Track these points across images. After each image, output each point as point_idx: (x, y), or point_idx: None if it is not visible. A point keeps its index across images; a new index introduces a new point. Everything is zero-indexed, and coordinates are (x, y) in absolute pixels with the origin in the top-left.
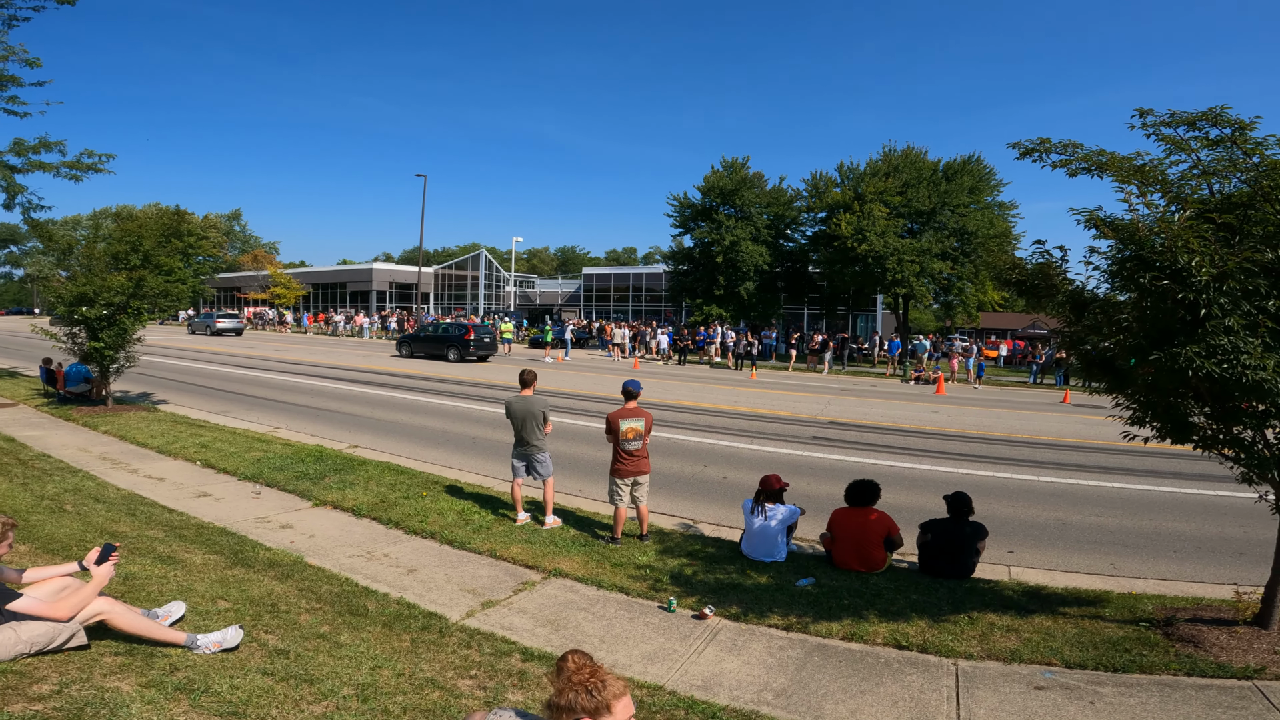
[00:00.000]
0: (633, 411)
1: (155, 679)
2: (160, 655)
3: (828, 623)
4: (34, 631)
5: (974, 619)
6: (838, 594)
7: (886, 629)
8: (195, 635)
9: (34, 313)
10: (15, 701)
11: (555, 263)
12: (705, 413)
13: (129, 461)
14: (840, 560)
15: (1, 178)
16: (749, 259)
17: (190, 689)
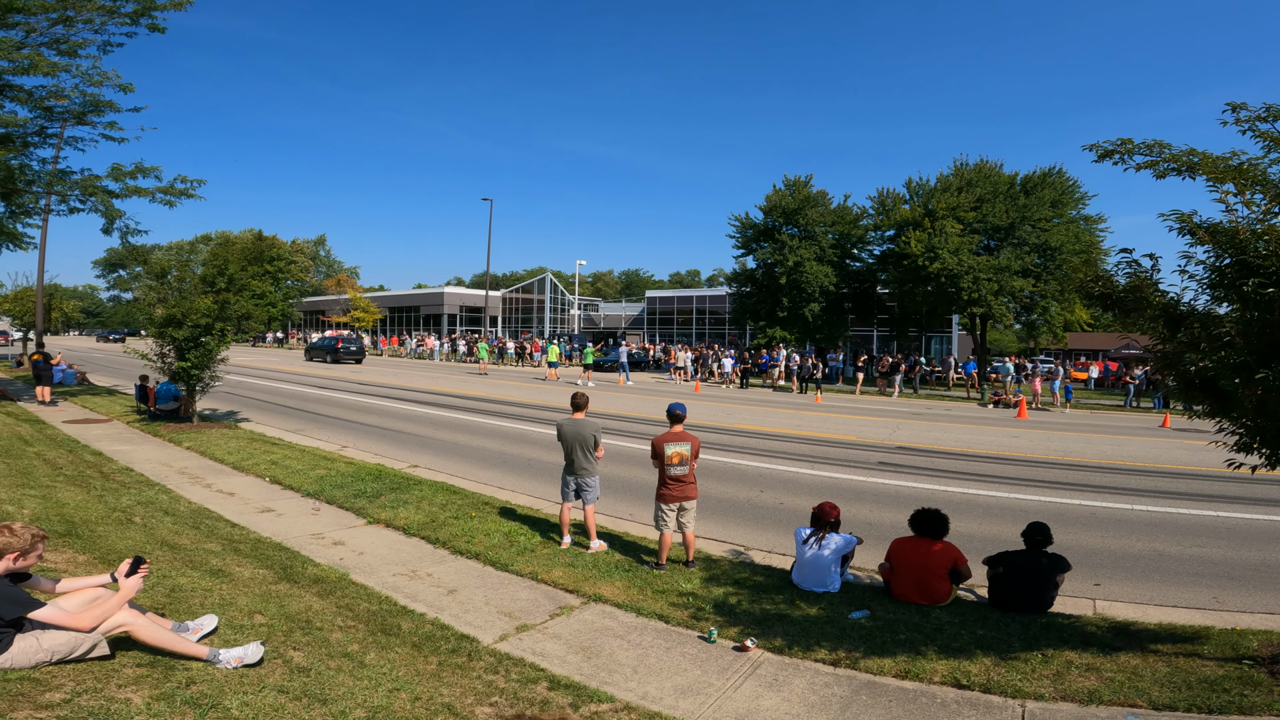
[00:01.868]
0: (678, 435)
1: (168, 692)
2: (181, 668)
3: (880, 658)
4: (55, 640)
5: (1048, 656)
6: (893, 628)
7: (946, 666)
8: (217, 650)
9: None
10: (23, 708)
11: (619, 285)
12: (765, 436)
13: (204, 476)
14: (899, 592)
15: (100, 203)
16: (813, 280)
17: (199, 704)
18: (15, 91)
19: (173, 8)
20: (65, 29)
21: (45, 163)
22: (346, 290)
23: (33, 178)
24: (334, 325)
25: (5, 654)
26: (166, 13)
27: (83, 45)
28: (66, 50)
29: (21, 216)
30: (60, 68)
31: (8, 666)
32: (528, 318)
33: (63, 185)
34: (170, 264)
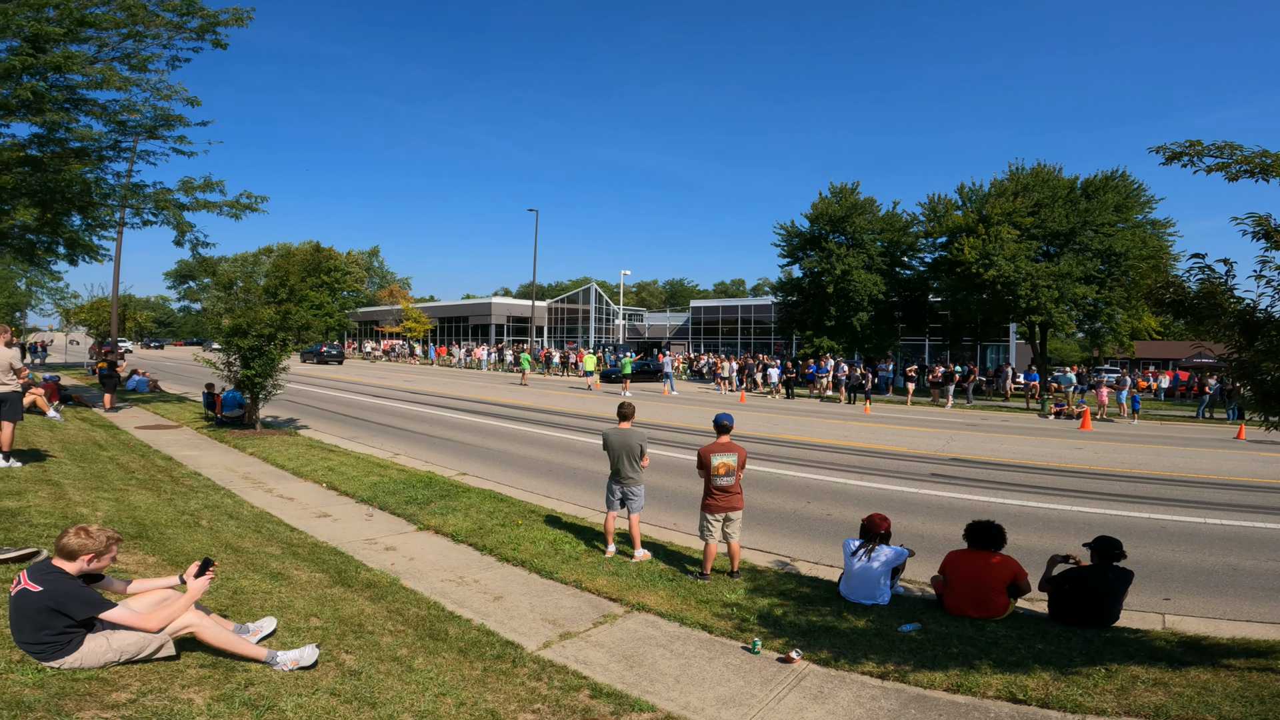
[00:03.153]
0: (725, 446)
1: (228, 693)
2: (240, 669)
3: (930, 672)
4: (124, 641)
5: (1112, 671)
6: (946, 641)
7: (1001, 680)
8: (275, 652)
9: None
10: (90, 708)
11: (663, 295)
12: (812, 447)
13: (266, 481)
14: (953, 605)
15: (172, 216)
16: (862, 288)
17: (257, 705)
18: (90, 105)
19: (234, 23)
20: (135, 44)
21: (120, 176)
22: (399, 301)
23: (108, 191)
24: (387, 335)
25: (76, 654)
26: (229, 28)
27: (152, 60)
28: (137, 65)
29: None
30: (131, 82)
31: (77, 666)
32: (573, 328)
33: (136, 199)
34: (236, 275)
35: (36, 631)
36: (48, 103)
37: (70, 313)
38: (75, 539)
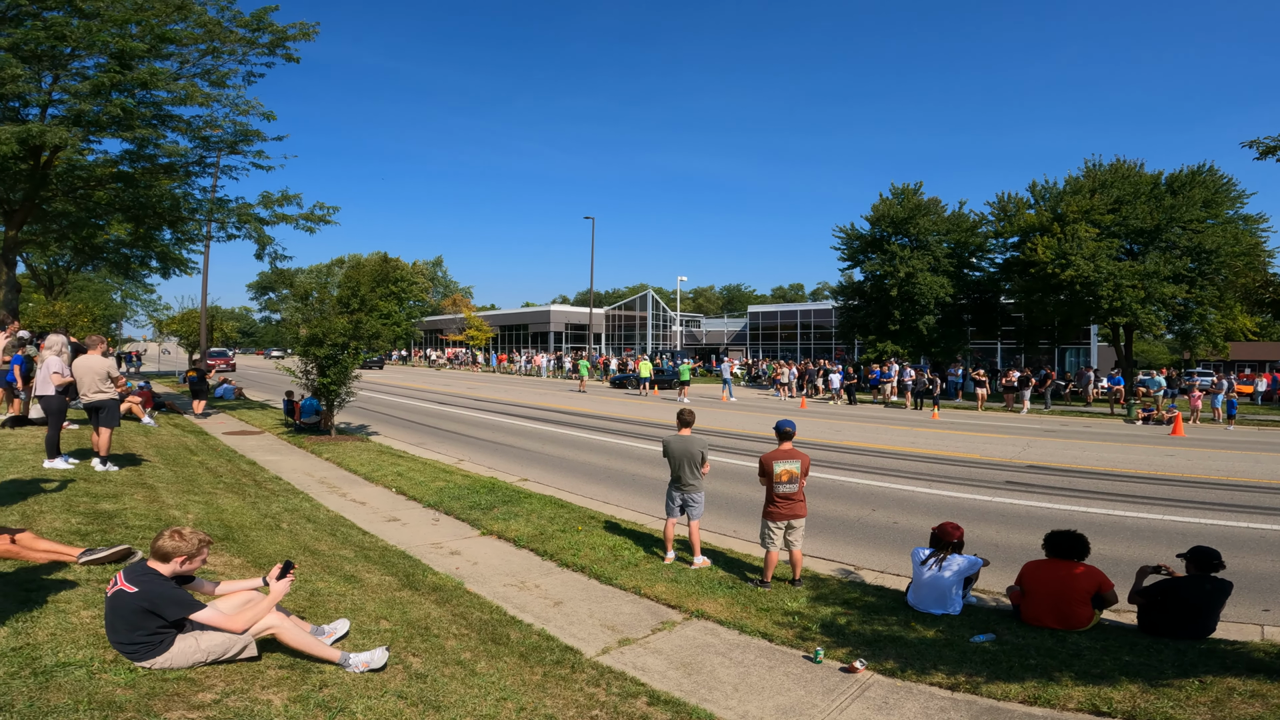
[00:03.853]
0: (787, 453)
1: (304, 694)
2: (315, 671)
3: (1005, 683)
4: (212, 641)
5: (1206, 683)
6: (1023, 652)
7: (1083, 693)
8: (348, 654)
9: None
10: (178, 708)
11: (720, 301)
12: (876, 454)
13: (340, 486)
14: (1031, 616)
15: (253, 229)
16: (927, 291)
17: (329, 707)
18: (175, 121)
19: (302, 38)
20: (214, 60)
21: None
22: (462, 310)
23: (195, 206)
24: (451, 344)
25: (166, 654)
26: (297, 43)
27: (229, 75)
28: (216, 81)
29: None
30: (212, 98)
31: (167, 666)
32: (630, 334)
33: (221, 213)
34: (311, 286)
35: (131, 632)
36: (136, 119)
37: (162, 324)
38: (169, 541)
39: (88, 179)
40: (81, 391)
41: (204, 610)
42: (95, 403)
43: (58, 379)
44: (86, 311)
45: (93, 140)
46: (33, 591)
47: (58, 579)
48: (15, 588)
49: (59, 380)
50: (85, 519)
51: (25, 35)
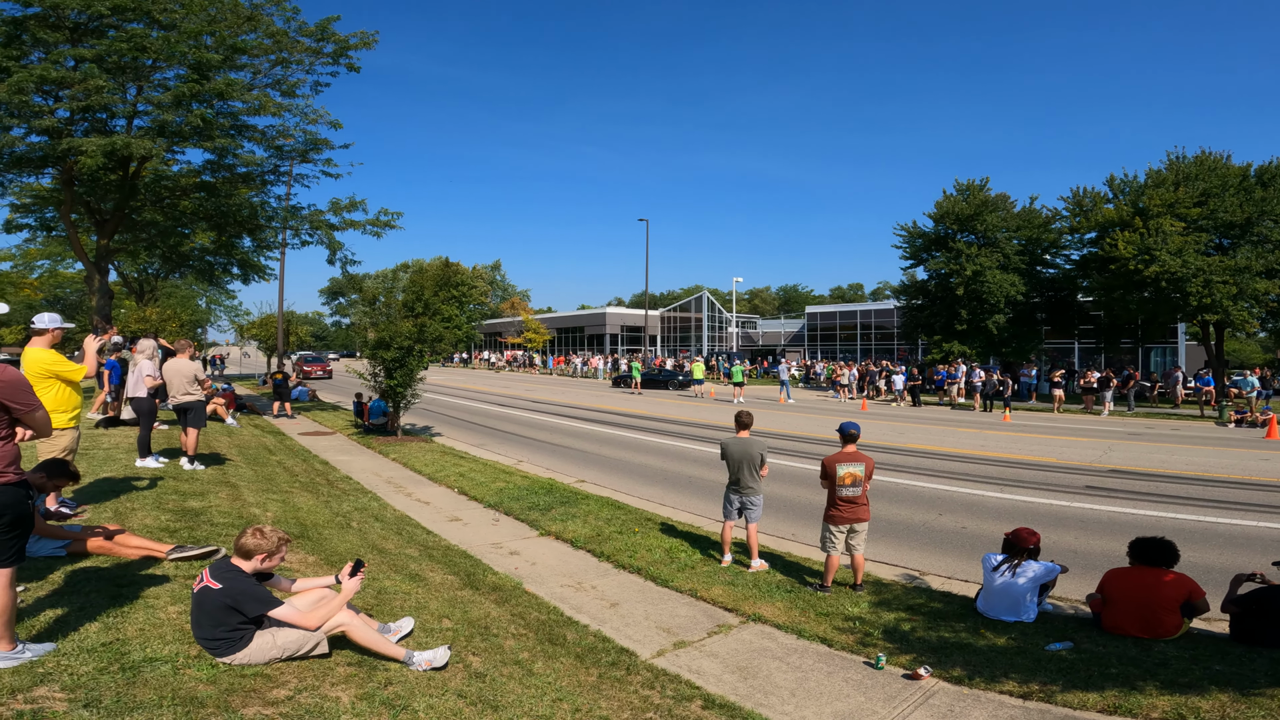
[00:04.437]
0: (851, 456)
1: (369, 692)
2: (381, 668)
3: (1083, 692)
4: (287, 638)
5: None
6: (1103, 661)
7: (1169, 702)
8: (412, 652)
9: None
10: (254, 704)
11: (777, 302)
12: (942, 457)
13: (406, 486)
14: (1113, 624)
15: (325, 235)
16: (997, 289)
17: (393, 704)
18: (251, 132)
19: (363, 46)
20: (283, 70)
21: (280, 199)
22: (519, 312)
23: (271, 214)
24: (509, 346)
25: (245, 650)
26: (359, 51)
27: (298, 85)
28: (286, 91)
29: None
30: (283, 107)
31: (245, 662)
32: (685, 336)
33: (295, 220)
34: (378, 291)
35: (214, 627)
36: (216, 129)
37: (243, 328)
38: (252, 540)
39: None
40: (170, 394)
41: (281, 608)
42: (183, 404)
43: (149, 381)
44: (175, 317)
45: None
46: (124, 587)
47: (147, 575)
48: (108, 583)
49: (151, 383)
50: (174, 516)
51: (109, 46)
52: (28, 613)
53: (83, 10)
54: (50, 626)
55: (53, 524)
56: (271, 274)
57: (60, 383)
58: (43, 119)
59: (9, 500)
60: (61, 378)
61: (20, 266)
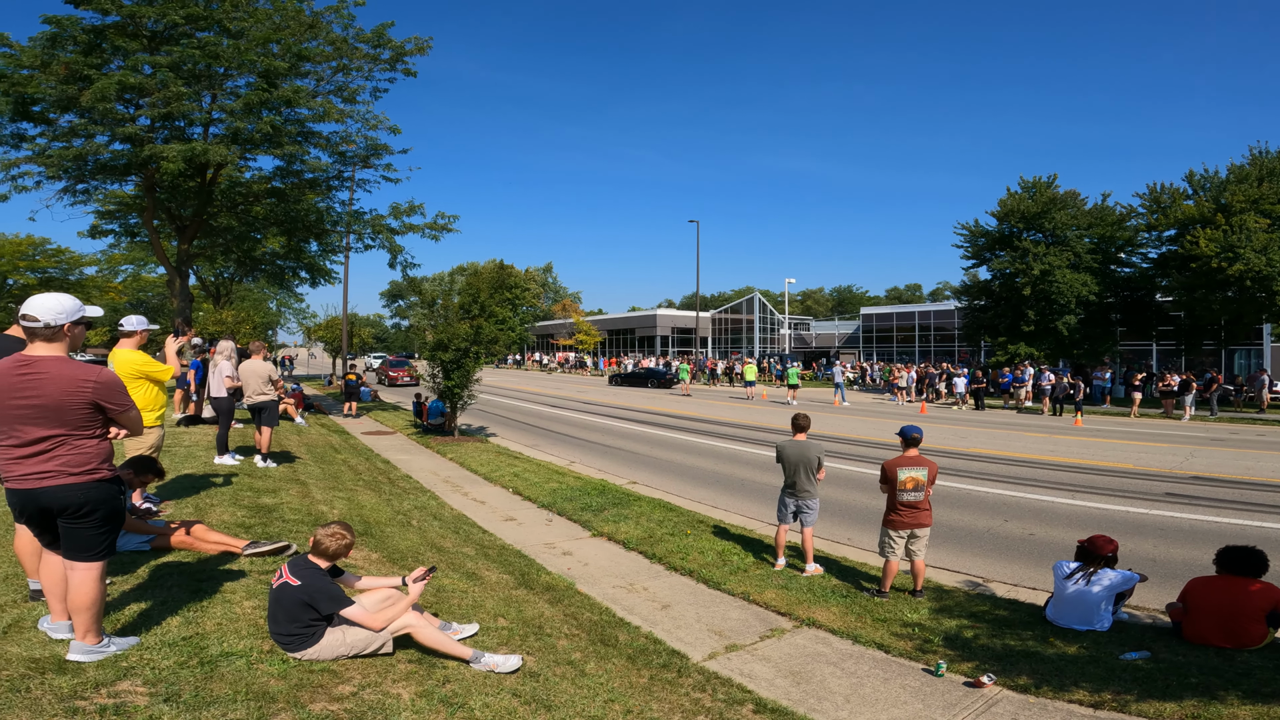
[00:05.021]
0: (913, 460)
1: (428, 689)
2: (440, 667)
3: (1160, 701)
4: (356, 637)
5: None
6: (1182, 670)
7: (1251, 712)
8: (480, 653)
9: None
10: (320, 700)
11: (830, 303)
12: (1008, 462)
13: (462, 485)
14: (1194, 634)
15: (385, 239)
16: (1067, 289)
17: (451, 702)
18: (316, 138)
19: (417, 52)
20: (344, 77)
21: (344, 204)
22: (571, 314)
23: (336, 219)
24: (561, 348)
25: (315, 647)
26: (414, 57)
27: (358, 91)
28: (347, 97)
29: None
30: (345, 114)
31: (314, 658)
32: (737, 338)
33: (358, 224)
34: (436, 294)
35: (289, 623)
36: (284, 136)
37: (310, 330)
38: (328, 538)
39: (246, 195)
40: (246, 394)
41: (352, 607)
42: (258, 404)
43: (229, 382)
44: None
45: (249, 158)
46: (203, 581)
47: (224, 570)
48: (188, 578)
49: (230, 383)
50: (249, 512)
51: (184, 54)
52: (114, 606)
53: (159, 19)
54: (135, 620)
55: (139, 519)
56: (336, 278)
57: (149, 382)
58: (125, 126)
59: (103, 496)
60: (151, 378)
61: (105, 271)
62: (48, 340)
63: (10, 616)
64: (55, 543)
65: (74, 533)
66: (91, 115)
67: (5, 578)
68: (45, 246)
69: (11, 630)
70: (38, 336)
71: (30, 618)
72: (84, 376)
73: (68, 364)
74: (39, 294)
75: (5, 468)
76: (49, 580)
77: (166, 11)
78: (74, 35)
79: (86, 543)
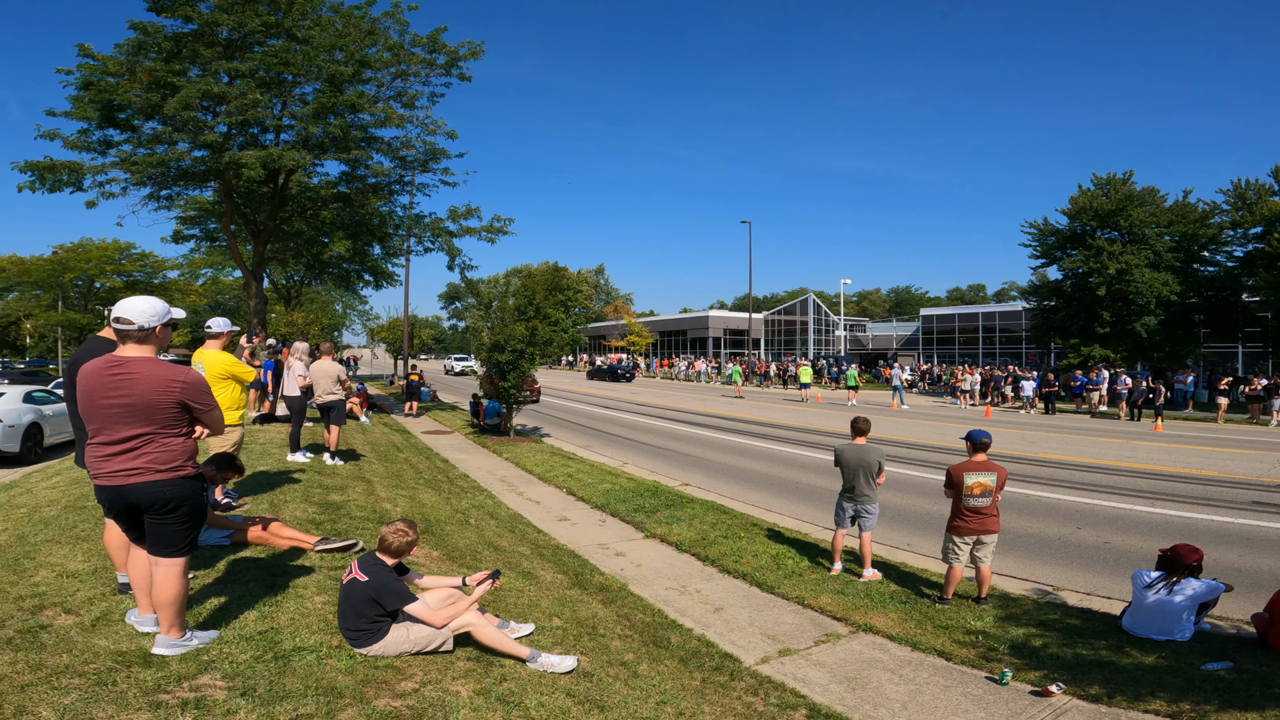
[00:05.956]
0: (981, 465)
1: (486, 687)
2: (497, 665)
3: (1241, 712)
4: (419, 634)
5: None
6: (1266, 681)
7: None
8: (537, 653)
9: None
10: (384, 696)
11: (887, 304)
12: (1082, 468)
13: (518, 485)
14: None
15: (444, 242)
16: (1146, 289)
17: (507, 700)
18: (379, 143)
19: (471, 56)
20: (403, 83)
21: (404, 208)
22: (622, 316)
23: (398, 222)
24: (613, 350)
25: (380, 643)
26: (468, 62)
27: (417, 97)
28: (406, 103)
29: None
30: (405, 119)
31: (379, 654)
32: (790, 339)
33: (419, 228)
34: (492, 295)
35: (357, 619)
36: (350, 140)
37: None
38: (393, 535)
39: (314, 200)
40: (316, 393)
41: (415, 604)
42: (327, 403)
43: (302, 381)
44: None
45: (316, 164)
46: (277, 576)
47: (297, 565)
48: (264, 572)
49: (303, 382)
50: (319, 509)
51: (260, 60)
52: (195, 600)
53: (235, 27)
54: (214, 613)
55: (219, 514)
56: (398, 280)
57: (234, 382)
58: (205, 134)
59: (188, 492)
60: (236, 378)
61: (186, 275)
62: (139, 342)
63: (99, 609)
64: (142, 538)
65: (159, 528)
66: (175, 122)
67: (95, 571)
68: (130, 251)
69: (100, 623)
70: (129, 338)
71: (118, 610)
72: (173, 377)
73: (157, 364)
74: (130, 297)
75: (95, 465)
76: (136, 574)
77: (244, 20)
78: (158, 42)
79: (171, 538)
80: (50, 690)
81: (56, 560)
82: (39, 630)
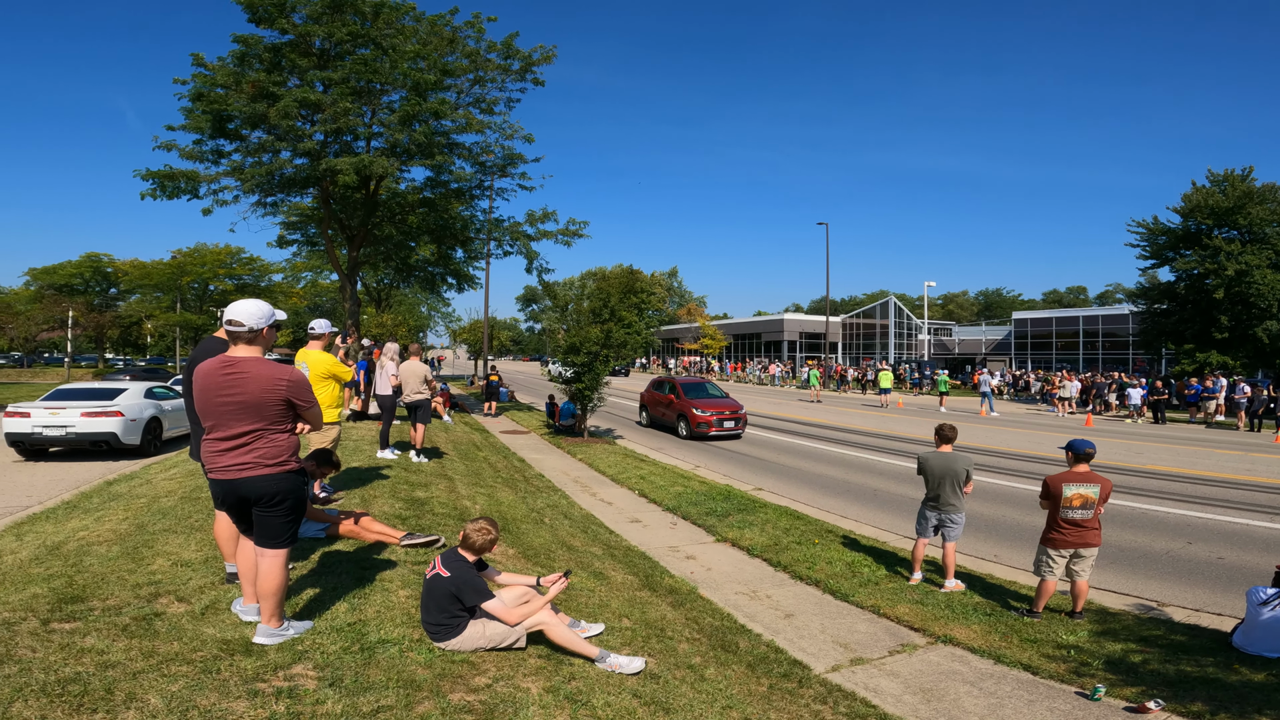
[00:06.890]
0: (1082, 476)
1: (555, 685)
2: (566, 663)
3: None
4: (494, 630)
5: None
6: None
7: None
8: (606, 653)
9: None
10: (459, 690)
11: (976, 307)
12: (1194, 480)
13: (591, 485)
14: None
15: (522, 245)
16: (1269, 291)
17: (575, 699)
18: (460, 149)
19: (543, 61)
20: (480, 89)
21: (484, 213)
22: (696, 319)
23: (479, 227)
24: (686, 353)
25: (458, 638)
26: (540, 66)
27: (495, 103)
28: (485, 109)
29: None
30: (484, 124)
31: (456, 648)
32: (869, 343)
33: (498, 232)
34: (568, 298)
35: (438, 613)
36: (434, 146)
37: (455, 333)
38: (477, 532)
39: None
40: (404, 392)
41: (491, 601)
42: (414, 402)
43: (394, 380)
44: (404, 323)
45: (403, 170)
46: (366, 570)
47: (383, 559)
48: (354, 565)
49: (394, 381)
50: (404, 504)
51: (351, 68)
52: (292, 590)
53: (326, 38)
54: (309, 604)
55: (317, 508)
56: (478, 283)
57: (334, 381)
58: (304, 141)
59: (290, 486)
60: (337, 378)
61: (289, 277)
62: (249, 343)
63: (209, 598)
64: (251, 530)
65: (266, 521)
66: (278, 131)
67: (206, 560)
68: (240, 255)
69: (209, 611)
70: (240, 339)
71: (225, 599)
72: (280, 375)
73: (265, 364)
74: (239, 300)
75: (210, 459)
76: (243, 564)
77: (333, 30)
78: (259, 54)
79: (276, 530)
80: (160, 678)
81: (172, 549)
82: (154, 618)
